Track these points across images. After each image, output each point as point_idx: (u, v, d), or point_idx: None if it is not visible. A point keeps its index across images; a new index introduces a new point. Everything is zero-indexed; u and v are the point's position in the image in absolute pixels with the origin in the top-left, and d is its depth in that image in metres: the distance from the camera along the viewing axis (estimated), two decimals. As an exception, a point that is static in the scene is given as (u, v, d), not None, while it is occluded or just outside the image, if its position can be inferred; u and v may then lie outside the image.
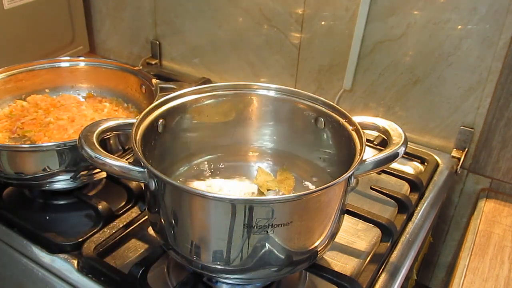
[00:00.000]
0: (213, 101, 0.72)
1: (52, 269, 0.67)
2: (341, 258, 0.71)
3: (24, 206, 0.79)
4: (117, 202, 0.77)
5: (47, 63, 0.89)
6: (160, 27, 1.22)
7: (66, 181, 0.72)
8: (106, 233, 0.70)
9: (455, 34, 0.86)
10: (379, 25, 0.93)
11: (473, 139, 0.93)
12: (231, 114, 0.75)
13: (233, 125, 0.76)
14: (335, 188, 0.57)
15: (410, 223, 0.77)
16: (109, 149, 0.72)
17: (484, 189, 0.95)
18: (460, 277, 0.73)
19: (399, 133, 0.63)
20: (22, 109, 0.85)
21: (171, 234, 0.59)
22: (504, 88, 0.86)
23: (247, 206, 0.51)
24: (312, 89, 1.06)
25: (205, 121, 0.73)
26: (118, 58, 1.34)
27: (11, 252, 0.71)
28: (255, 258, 0.55)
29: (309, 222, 0.56)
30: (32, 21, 1.13)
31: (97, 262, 0.65)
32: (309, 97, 0.69)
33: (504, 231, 0.82)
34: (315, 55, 1.02)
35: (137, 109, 0.88)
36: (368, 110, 1.01)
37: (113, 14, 1.29)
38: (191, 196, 0.54)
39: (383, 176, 0.89)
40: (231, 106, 0.74)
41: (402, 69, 0.94)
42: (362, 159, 0.58)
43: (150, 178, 0.55)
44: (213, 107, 0.73)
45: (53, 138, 0.78)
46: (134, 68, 0.89)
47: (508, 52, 0.83)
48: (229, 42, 1.12)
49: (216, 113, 0.74)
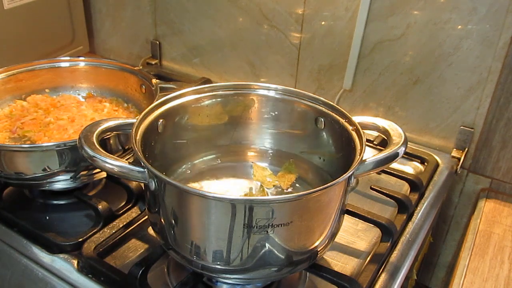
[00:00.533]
0: (213, 101, 0.72)
1: (52, 269, 0.67)
2: (341, 258, 0.71)
3: (24, 206, 0.79)
4: (117, 202, 0.77)
5: (47, 63, 0.89)
6: (160, 27, 1.22)
7: (66, 181, 0.72)
8: (106, 233, 0.70)
9: (455, 34, 0.86)
10: (379, 25, 0.93)
11: (473, 139, 0.93)
12: (231, 114, 0.75)
13: (233, 125, 0.76)
14: (335, 188, 0.57)
15: (410, 223, 0.77)
16: (109, 149, 0.72)
17: (484, 189, 0.95)
18: (460, 277, 0.73)
19: (399, 133, 0.63)
20: (22, 109, 0.85)
21: (171, 234, 0.59)
22: (504, 88, 0.86)
23: (247, 206, 0.51)
24: (312, 89, 1.06)
25: (205, 121, 0.73)
26: (118, 58, 1.34)
27: (11, 252, 0.71)
28: (255, 258, 0.55)
29: (309, 222, 0.56)
30: (32, 21, 1.13)
31: (97, 262, 0.65)
32: (309, 97, 0.69)
33: (504, 231, 0.82)
34: (315, 55, 1.02)
35: (137, 109, 0.88)
36: (368, 110, 1.01)
37: (113, 14, 1.29)
38: (191, 196, 0.54)
39: (383, 176, 0.89)
40: (231, 106, 0.74)
41: (402, 69, 0.94)
42: (362, 159, 0.58)
43: (150, 178, 0.55)
44: (213, 107, 0.73)
45: (53, 138, 0.78)
46: (134, 68, 0.89)
47: (508, 52, 0.83)
48: (229, 42, 1.12)
49: (216, 113, 0.74)
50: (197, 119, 0.72)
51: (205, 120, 0.73)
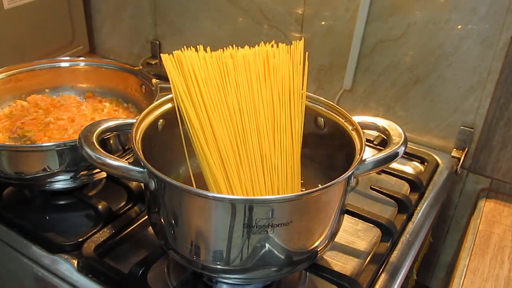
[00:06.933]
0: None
1: (52, 269, 0.67)
2: (341, 258, 0.71)
3: (24, 206, 0.79)
4: (117, 202, 0.77)
5: (47, 63, 0.89)
6: (160, 27, 1.22)
7: (66, 181, 0.72)
8: (106, 233, 0.70)
9: (455, 34, 0.86)
10: (379, 25, 0.93)
11: (473, 139, 0.93)
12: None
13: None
14: (335, 188, 0.57)
15: (410, 223, 0.77)
16: (109, 149, 0.72)
17: (484, 189, 0.95)
18: (460, 277, 0.73)
19: (399, 133, 0.63)
20: (22, 109, 0.85)
21: (171, 234, 0.59)
22: (504, 88, 0.86)
23: (247, 206, 0.51)
24: (312, 89, 1.06)
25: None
26: (118, 58, 1.34)
27: (11, 252, 0.71)
28: (255, 258, 0.55)
29: (309, 222, 0.56)
30: (32, 21, 1.13)
31: (97, 262, 0.65)
32: (309, 97, 0.69)
33: (504, 231, 0.82)
34: (315, 55, 1.02)
35: (137, 109, 0.88)
36: (368, 110, 1.01)
37: (113, 14, 1.29)
38: (191, 196, 0.54)
39: (383, 176, 0.89)
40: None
41: (402, 69, 0.94)
42: (362, 159, 0.58)
43: (150, 178, 0.55)
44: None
45: (53, 138, 0.78)
46: (134, 68, 0.89)
47: (508, 52, 0.83)
48: (229, 42, 1.12)
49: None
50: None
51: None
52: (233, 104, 0.63)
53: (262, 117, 0.64)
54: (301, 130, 0.65)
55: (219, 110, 0.63)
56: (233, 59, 0.67)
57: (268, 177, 0.62)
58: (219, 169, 0.60)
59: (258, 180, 0.62)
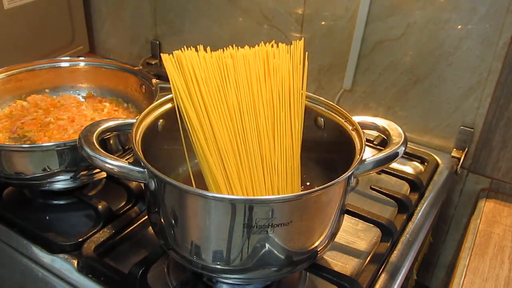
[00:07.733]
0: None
1: (52, 269, 0.67)
2: (341, 258, 0.71)
3: (24, 206, 0.79)
4: (117, 202, 0.77)
5: (47, 63, 0.89)
6: (160, 27, 1.22)
7: (66, 181, 0.72)
8: (106, 233, 0.70)
9: (455, 34, 0.86)
10: (379, 25, 0.93)
11: (473, 139, 0.93)
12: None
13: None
14: (335, 188, 0.57)
15: (410, 223, 0.77)
16: (109, 149, 0.72)
17: (484, 189, 0.95)
18: (460, 277, 0.73)
19: (399, 133, 0.63)
20: (22, 109, 0.85)
21: (171, 234, 0.59)
22: (504, 88, 0.86)
23: (246, 206, 0.51)
24: (312, 89, 1.06)
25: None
26: (118, 58, 1.34)
27: (11, 252, 0.71)
28: (255, 258, 0.55)
29: (309, 222, 0.56)
30: (32, 21, 1.13)
31: (97, 262, 0.65)
32: (309, 97, 0.69)
33: (504, 231, 0.82)
34: (315, 55, 1.02)
35: (137, 109, 0.88)
36: (368, 110, 1.01)
37: (113, 14, 1.29)
38: (191, 196, 0.54)
39: (383, 176, 0.89)
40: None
41: (402, 69, 0.94)
42: (362, 158, 0.58)
43: (150, 178, 0.55)
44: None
45: (53, 138, 0.78)
46: (134, 68, 0.89)
47: (508, 52, 0.83)
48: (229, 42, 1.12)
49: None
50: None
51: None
52: (233, 104, 0.63)
53: (262, 117, 0.64)
54: (301, 130, 0.65)
55: (219, 110, 0.63)
56: (233, 59, 0.67)
57: (268, 177, 0.62)
58: (219, 169, 0.60)
59: (258, 180, 0.62)
